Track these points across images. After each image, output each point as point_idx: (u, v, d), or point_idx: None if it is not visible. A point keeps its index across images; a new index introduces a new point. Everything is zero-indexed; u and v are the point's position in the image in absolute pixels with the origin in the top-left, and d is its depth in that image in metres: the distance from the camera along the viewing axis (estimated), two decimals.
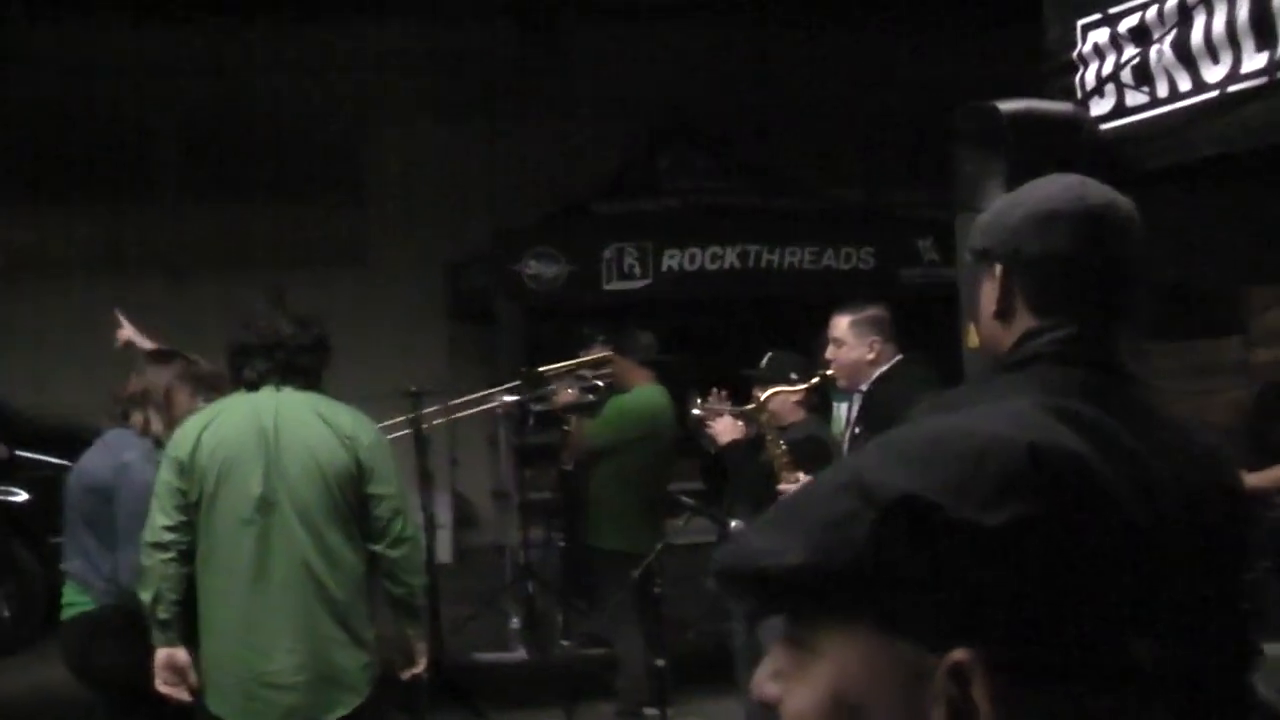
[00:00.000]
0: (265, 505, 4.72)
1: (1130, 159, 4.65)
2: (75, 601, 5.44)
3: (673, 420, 7.88)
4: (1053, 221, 2.32)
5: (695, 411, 6.78)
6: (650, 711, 7.41)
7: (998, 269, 2.39)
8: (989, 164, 4.52)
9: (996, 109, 4.51)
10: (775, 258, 11.55)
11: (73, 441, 11.52)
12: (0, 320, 13.24)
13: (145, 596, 4.80)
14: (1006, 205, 2.42)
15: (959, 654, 1.03)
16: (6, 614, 10.63)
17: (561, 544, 7.90)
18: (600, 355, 8.55)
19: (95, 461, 5.48)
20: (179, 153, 14.08)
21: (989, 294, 2.41)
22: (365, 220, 14.23)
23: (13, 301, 13.52)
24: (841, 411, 8.60)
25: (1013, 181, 4.42)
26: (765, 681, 1.15)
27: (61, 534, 10.33)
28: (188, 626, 4.86)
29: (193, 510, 4.75)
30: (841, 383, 6.14)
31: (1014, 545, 1.03)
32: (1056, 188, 2.37)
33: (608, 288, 11.27)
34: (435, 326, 13.37)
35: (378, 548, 4.93)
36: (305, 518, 4.76)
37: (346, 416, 4.94)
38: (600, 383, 8.18)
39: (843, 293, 10.85)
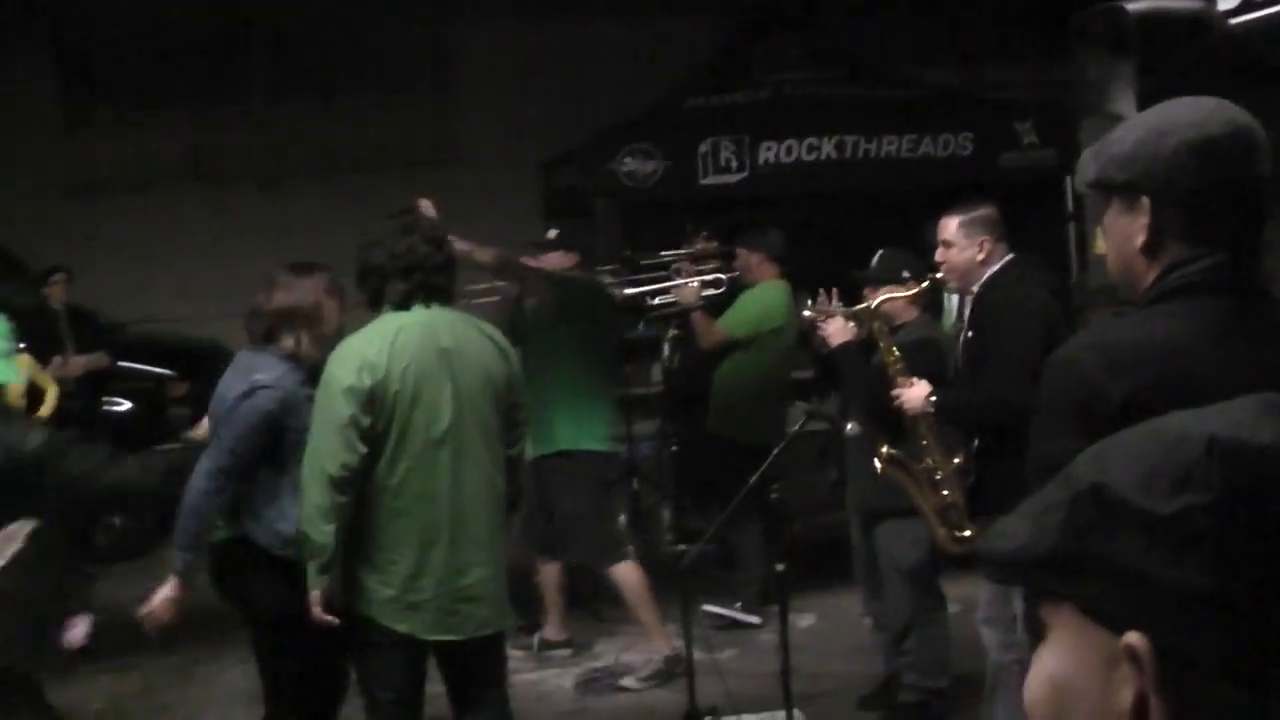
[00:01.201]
0: (456, 424, 4.78)
1: (1261, 55, 4.54)
2: (218, 526, 5.41)
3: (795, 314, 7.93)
4: (1210, 150, 2.27)
5: (806, 314, 6.78)
6: (770, 609, 7.50)
7: (1145, 202, 2.32)
8: (1116, 66, 4.43)
9: (1124, 10, 4.39)
10: (872, 146, 11.39)
11: (170, 352, 11.76)
12: (93, 233, 13.36)
13: (322, 535, 4.72)
14: (1150, 135, 2.32)
15: (1132, 637, 1.06)
16: (117, 522, 10.82)
17: (675, 446, 7.94)
18: (705, 247, 8.61)
19: (230, 386, 5.24)
20: (266, 58, 14.07)
21: (1132, 227, 2.35)
22: (457, 120, 14.19)
23: (105, 214, 13.65)
24: (952, 303, 8.59)
25: (1143, 83, 4.36)
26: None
27: (166, 443, 10.64)
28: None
29: (379, 439, 4.72)
30: (952, 285, 6.08)
31: (1185, 535, 1.06)
32: (1202, 113, 2.31)
33: (704, 182, 11.17)
34: (531, 226, 13.35)
35: (512, 451, 5.12)
36: (484, 433, 4.89)
37: (495, 329, 5.09)
38: (724, 275, 8.22)
39: (941, 180, 10.83)
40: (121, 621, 9.14)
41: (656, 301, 8.40)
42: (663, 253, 8.58)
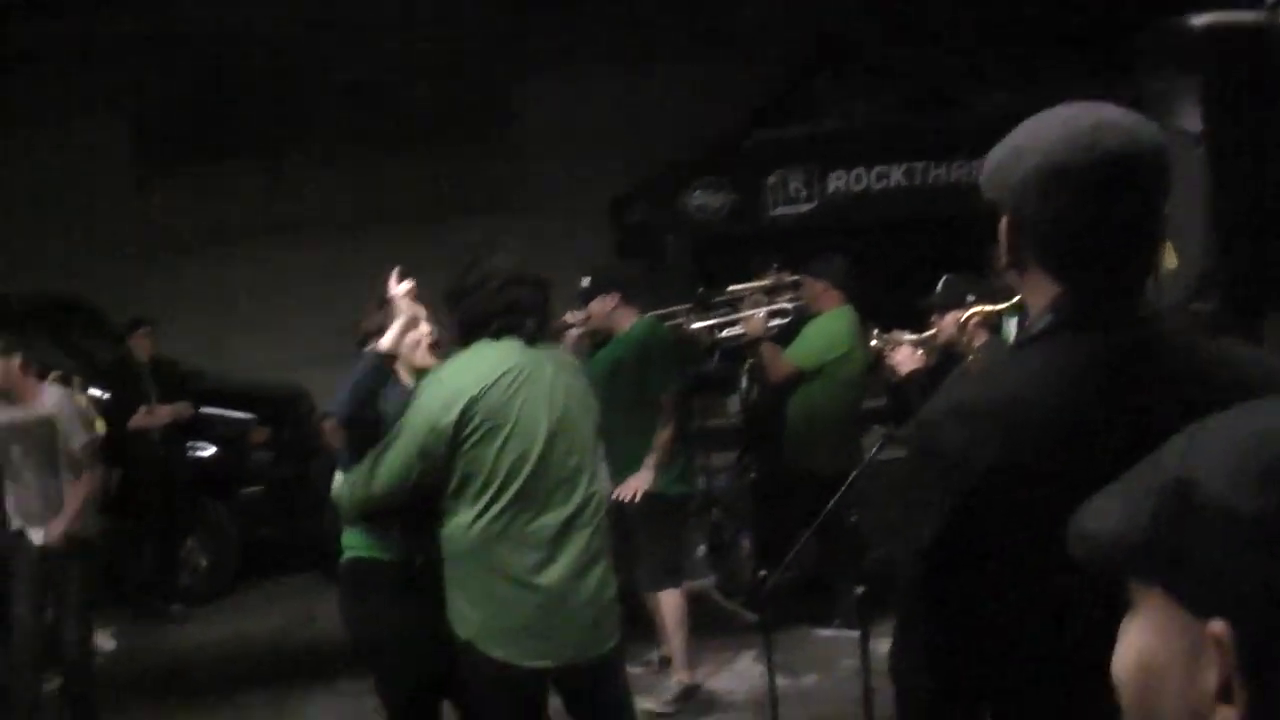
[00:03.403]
0: (548, 452, 4.70)
1: None
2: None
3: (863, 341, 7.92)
4: (1060, 181, 2.06)
5: (874, 343, 6.78)
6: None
7: (1004, 221, 2.14)
8: (1180, 81, 4.42)
9: (1188, 24, 4.41)
10: (942, 172, 11.43)
11: (253, 398, 11.94)
12: (176, 284, 13.60)
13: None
14: (1010, 155, 2.14)
15: (1216, 627, 1.10)
16: (203, 563, 10.99)
17: (754, 475, 7.93)
18: (778, 279, 8.61)
19: None
20: (337, 108, 14.25)
21: (1001, 241, 2.18)
22: (524, 164, 14.31)
23: (181, 266, 13.89)
24: (1010, 326, 8.56)
25: (1208, 98, 4.37)
26: None
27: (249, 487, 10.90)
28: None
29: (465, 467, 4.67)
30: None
31: (1269, 534, 1.09)
32: (1064, 136, 2.08)
33: (773, 214, 11.24)
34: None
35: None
36: (578, 464, 4.81)
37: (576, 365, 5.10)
38: (790, 304, 8.23)
39: None
40: (211, 657, 9.34)
41: (725, 334, 8.40)
42: (736, 286, 8.58)
